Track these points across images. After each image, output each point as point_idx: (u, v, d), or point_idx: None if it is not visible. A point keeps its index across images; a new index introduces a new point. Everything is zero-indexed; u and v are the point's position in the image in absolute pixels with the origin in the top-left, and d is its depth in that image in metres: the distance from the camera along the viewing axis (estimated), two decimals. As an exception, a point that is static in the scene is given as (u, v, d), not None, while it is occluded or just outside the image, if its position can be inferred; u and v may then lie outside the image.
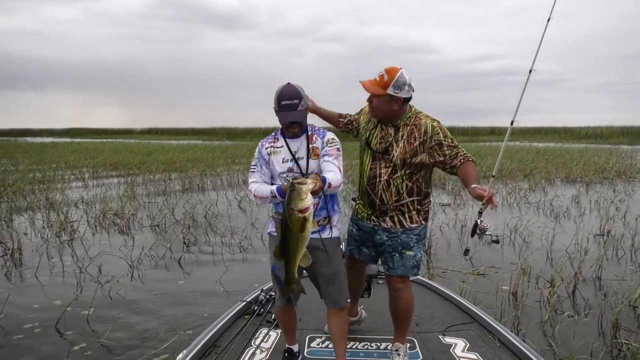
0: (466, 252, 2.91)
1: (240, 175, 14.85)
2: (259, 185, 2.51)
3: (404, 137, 2.55)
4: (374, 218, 2.69)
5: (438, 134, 2.52)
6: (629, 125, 45.83)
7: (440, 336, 3.16)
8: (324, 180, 2.26)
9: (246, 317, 3.40)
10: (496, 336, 3.10)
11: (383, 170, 2.60)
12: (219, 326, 3.14)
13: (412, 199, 2.62)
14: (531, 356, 2.74)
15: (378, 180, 2.61)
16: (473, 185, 2.40)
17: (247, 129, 56.40)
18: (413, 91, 2.52)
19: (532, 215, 8.62)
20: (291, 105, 2.41)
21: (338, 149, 2.50)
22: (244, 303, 3.56)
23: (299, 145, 2.52)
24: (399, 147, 2.55)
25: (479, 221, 2.53)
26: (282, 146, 2.54)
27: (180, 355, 2.76)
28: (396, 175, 2.58)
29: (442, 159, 2.53)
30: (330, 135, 2.54)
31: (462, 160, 2.52)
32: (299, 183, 2.14)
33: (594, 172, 14.52)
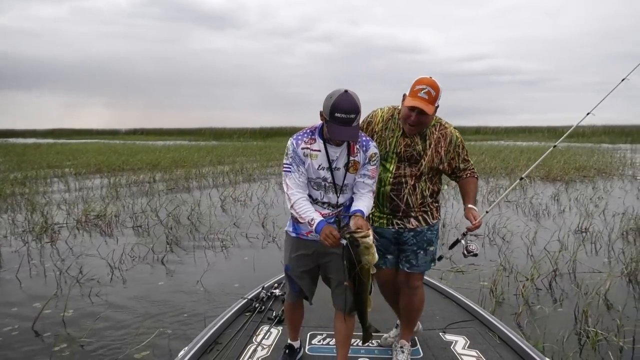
0: (440, 258, 2.94)
1: (227, 180, 14.81)
2: (302, 199, 2.30)
3: (432, 145, 2.58)
4: (398, 221, 2.66)
5: (459, 146, 2.64)
6: (611, 124, 46.74)
7: (441, 334, 3.18)
8: (363, 216, 2.23)
9: (247, 314, 3.40)
10: (496, 333, 3.13)
11: (408, 176, 2.59)
12: (220, 323, 3.14)
13: (432, 199, 2.70)
14: (531, 353, 2.77)
15: (404, 185, 2.60)
16: (470, 206, 2.66)
17: (234, 129, 56.24)
18: None
19: (512, 213, 8.76)
20: (346, 121, 2.15)
21: (377, 167, 2.43)
22: (245, 300, 3.55)
23: (338, 154, 2.33)
24: (428, 155, 2.57)
25: (463, 242, 2.72)
26: (319, 150, 2.32)
27: (182, 352, 2.74)
28: (421, 180, 2.62)
29: (453, 169, 2.69)
30: (373, 149, 2.38)
31: (468, 175, 2.71)
32: (363, 237, 2.06)
33: (574, 171, 14.78)
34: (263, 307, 3.47)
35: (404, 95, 2.52)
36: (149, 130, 67.91)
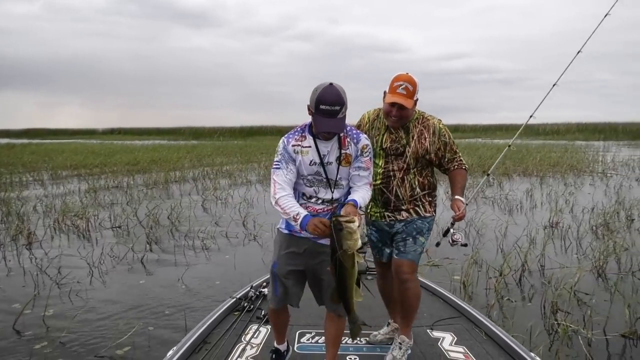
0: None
1: (207, 179, 14.76)
2: (287, 196, 2.29)
3: (415, 137, 2.68)
4: (389, 214, 2.75)
5: (444, 135, 2.72)
6: (585, 121, 48.05)
7: (428, 330, 3.21)
8: (355, 205, 2.25)
9: (236, 313, 3.40)
10: (483, 330, 3.17)
11: (396, 170, 2.70)
12: (208, 322, 3.15)
13: (424, 192, 2.76)
14: (517, 349, 2.81)
15: (392, 178, 2.71)
16: (457, 197, 2.75)
17: (213, 128, 55.91)
18: None
19: (488, 208, 8.99)
20: (331, 112, 2.19)
21: (371, 158, 2.44)
22: (234, 299, 3.55)
23: (329, 148, 2.34)
24: (411, 147, 2.67)
25: (452, 230, 2.84)
26: (309, 146, 2.34)
27: (171, 352, 2.73)
28: (409, 172, 2.72)
29: (441, 160, 2.76)
30: (364, 140, 2.40)
31: (456, 166, 2.78)
32: (348, 222, 2.07)
33: (547, 167, 15.18)
34: (252, 306, 3.48)
35: (385, 93, 2.63)
36: (127, 130, 67.06)
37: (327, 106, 2.17)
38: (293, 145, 2.34)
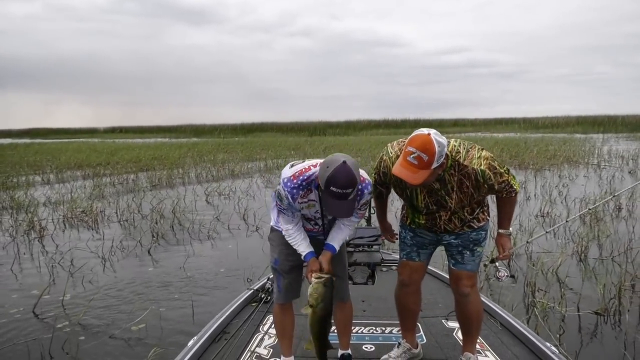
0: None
1: (209, 175, 15.03)
2: (295, 233, 2.33)
3: (455, 188, 2.30)
4: (437, 229, 2.49)
5: (490, 178, 2.27)
6: (584, 114, 48.15)
7: (443, 321, 3.24)
8: (333, 252, 2.33)
9: (254, 304, 3.49)
10: (498, 320, 3.18)
11: (442, 214, 2.42)
12: (227, 313, 3.23)
13: (475, 214, 2.46)
14: (532, 339, 2.81)
15: (438, 220, 2.44)
16: (501, 231, 2.53)
17: (214, 125, 56.17)
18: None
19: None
20: (342, 195, 2.03)
21: (367, 206, 2.40)
22: (252, 291, 3.63)
23: None
24: (453, 198, 2.33)
25: (497, 264, 2.68)
26: (315, 200, 2.27)
27: (191, 342, 2.83)
28: (457, 213, 2.42)
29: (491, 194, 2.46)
30: (367, 196, 2.29)
31: (504, 195, 2.42)
32: (325, 281, 2.21)
33: (544, 160, 15.42)
34: (269, 297, 3.53)
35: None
36: (128, 128, 67.25)
37: (339, 189, 2.01)
38: (300, 203, 2.25)
